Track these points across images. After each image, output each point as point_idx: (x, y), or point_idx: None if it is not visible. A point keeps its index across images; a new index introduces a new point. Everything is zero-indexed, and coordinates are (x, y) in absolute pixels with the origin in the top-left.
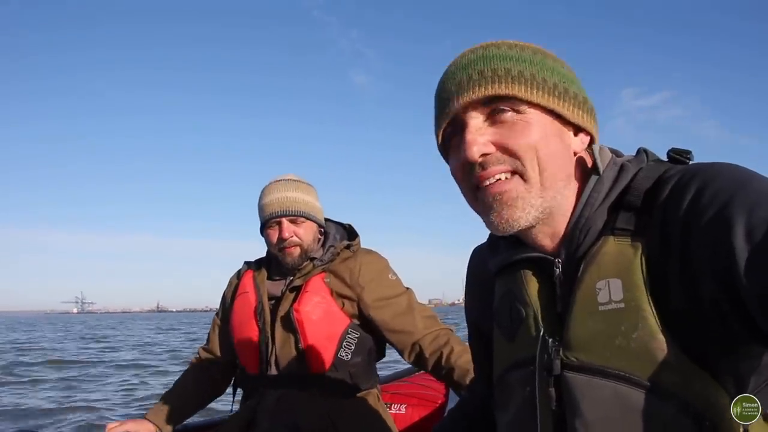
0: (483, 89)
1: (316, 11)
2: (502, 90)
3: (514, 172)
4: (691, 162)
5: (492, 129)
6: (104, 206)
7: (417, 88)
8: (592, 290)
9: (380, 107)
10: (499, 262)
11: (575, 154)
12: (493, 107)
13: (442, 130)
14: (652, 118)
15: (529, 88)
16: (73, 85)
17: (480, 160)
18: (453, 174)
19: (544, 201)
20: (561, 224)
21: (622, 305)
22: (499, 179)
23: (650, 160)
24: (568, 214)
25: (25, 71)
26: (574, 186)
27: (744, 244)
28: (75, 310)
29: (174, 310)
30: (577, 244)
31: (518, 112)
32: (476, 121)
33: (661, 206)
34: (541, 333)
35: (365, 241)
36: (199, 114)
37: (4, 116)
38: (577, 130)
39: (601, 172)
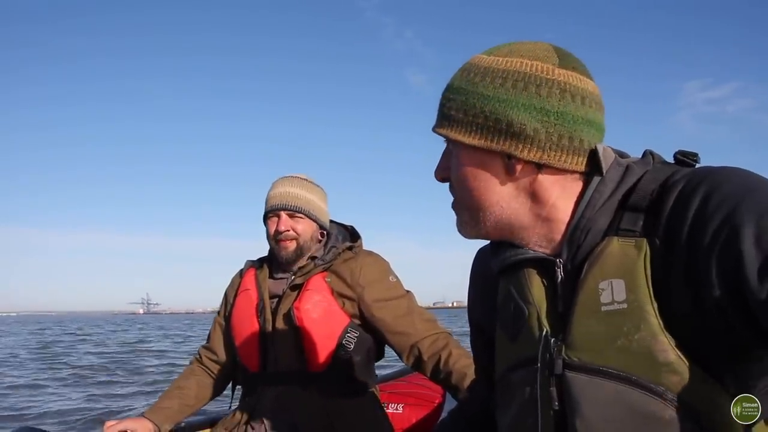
0: (435, 123)
1: (370, 12)
2: (436, 127)
3: (455, 200)
4: (697, 165)
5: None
6: (166, 208)
7: None
8: (595, 290)
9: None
10: (501, 262)
11: (511, 176)
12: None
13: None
14: (720, 111)
15: (448, 126)
16: (128, 90)
17: (444, 182)
18: None
19: (478, 223)
20: (556, 227)
21: (625, 306)
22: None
23: (656, 162)
24: (567, 218)
25: (93, 73)
26: (523, 201)
27: (753, 250)
28: (141, 311)
29: None
30: (578, 244)
31: (453, 146)
32: (446, 147)
33: (668, 209)
34: (544, 333)
35: (369, 244)
36: (264, 120)
37: (67, 118)
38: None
39: (604, 172)
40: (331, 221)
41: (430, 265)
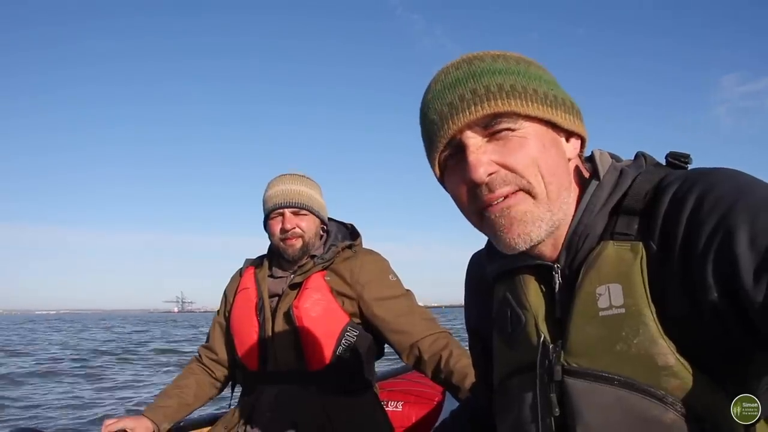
0: (481, 108)
1: (400, 9)
2: (500, 107)
3: (520, 190)
4: (689, 166)
5: (491, 147)
6: (198, 207)
7: None
8: (592, 296)
9: None
10: (498, 268)
11: (569, 159)
12: (491, 125)
13: (438, 154)
14: (759, 105)
15: (524, 102)
16: (172, 90)
17: (487, 180)
18: (455, 197)
19: (553, 214)
20: (562, 231)
21: (623, 310)
22: (507, 197)
23: (649, 165)
24: (569, 221)
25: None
26: (575, 192)
27: (747, 252)
28: (176, 310)
29: None
30: (576, 249)
31: (516, 127)
32: (475, 140)
33: (662, 212)
34: (542, 339)
35: (368, 243)
36: (296, 121)
37: (104, 119)
38: (569, 135)
39: (602, 177)
40: (330, 219)
41: (456, 264)
